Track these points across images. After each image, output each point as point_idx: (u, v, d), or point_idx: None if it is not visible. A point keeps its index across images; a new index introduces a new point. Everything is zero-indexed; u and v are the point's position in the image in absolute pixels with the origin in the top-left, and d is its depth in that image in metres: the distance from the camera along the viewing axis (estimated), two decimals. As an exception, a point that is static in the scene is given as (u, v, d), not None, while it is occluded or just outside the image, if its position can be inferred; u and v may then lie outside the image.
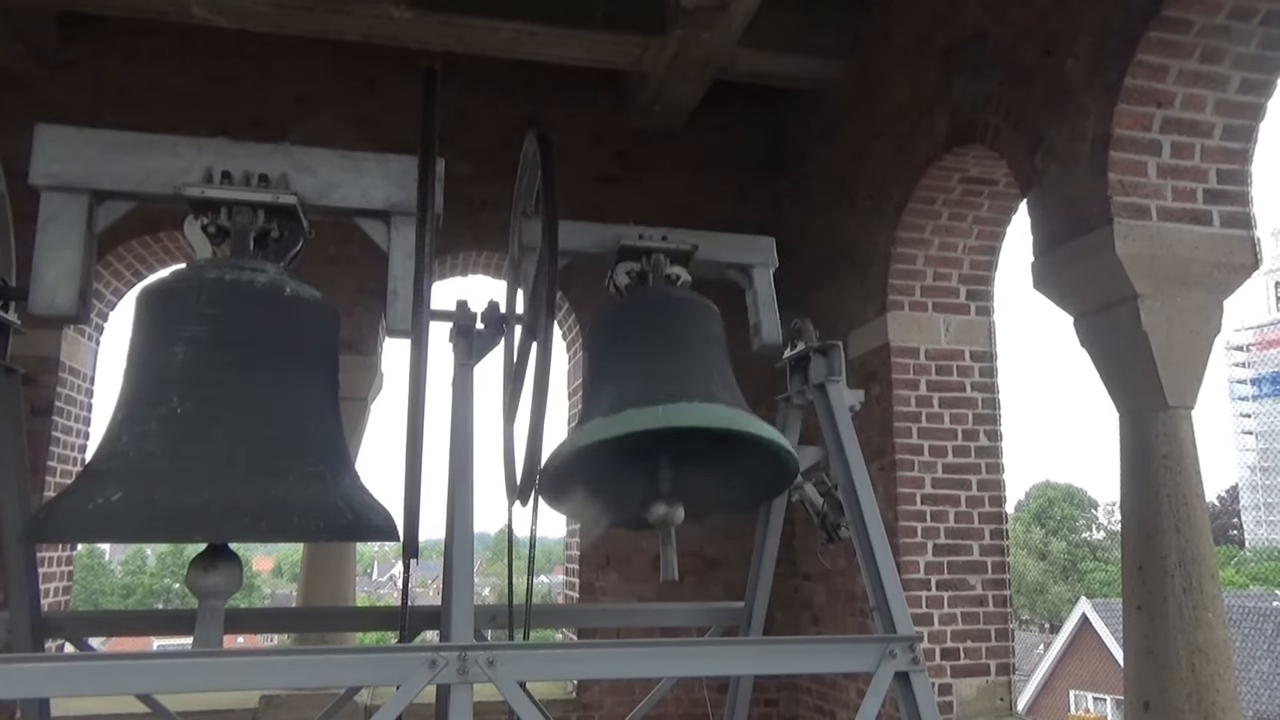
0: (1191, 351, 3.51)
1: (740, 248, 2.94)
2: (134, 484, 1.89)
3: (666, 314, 2.66)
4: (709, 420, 2.34)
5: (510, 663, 2.00)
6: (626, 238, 2.76)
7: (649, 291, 2.74)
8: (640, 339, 2.59)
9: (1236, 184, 3.66)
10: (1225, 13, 3.44)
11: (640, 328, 2.63)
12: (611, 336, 2.71)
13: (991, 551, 5.12)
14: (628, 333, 2.65)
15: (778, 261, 2.94)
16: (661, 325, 2.62)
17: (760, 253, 2.93)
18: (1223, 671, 3.30)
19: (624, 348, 2.62)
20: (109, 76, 5.87)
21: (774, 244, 2.96)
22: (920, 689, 2.23)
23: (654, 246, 2.76)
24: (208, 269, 2.14)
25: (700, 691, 5.70)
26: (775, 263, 2.94)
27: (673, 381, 2.46)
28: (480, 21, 5.24)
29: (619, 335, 2.68)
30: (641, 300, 2.74)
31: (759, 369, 2.97)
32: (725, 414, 2.37)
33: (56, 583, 5.69)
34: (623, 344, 2.64)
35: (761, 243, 2.96)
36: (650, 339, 2.58)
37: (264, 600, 46.61)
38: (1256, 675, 21.91)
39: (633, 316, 2.71)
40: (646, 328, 2.62)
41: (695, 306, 2.70)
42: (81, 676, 1.84)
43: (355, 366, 5.74)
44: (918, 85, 5.08)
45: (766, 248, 2.95)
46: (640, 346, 2.57)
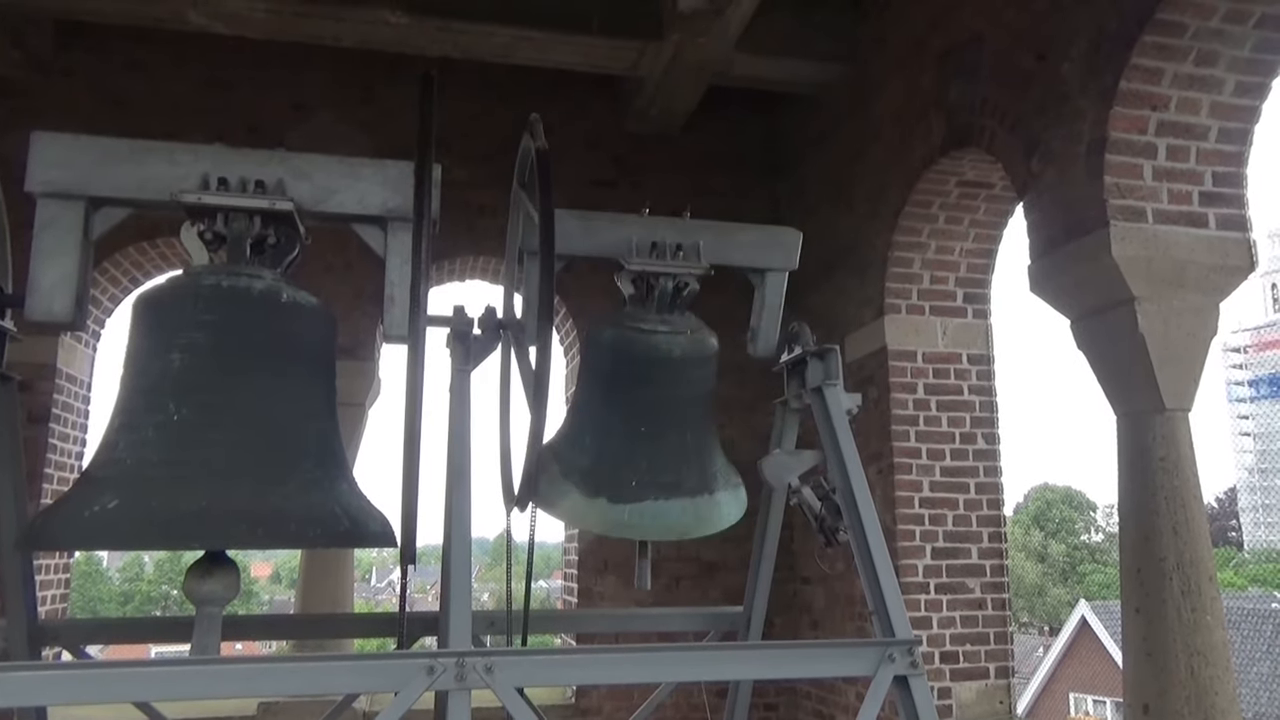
0: (1188, 354, 3.51)
1: (759, 245, 2.81)
2: (131, 491, 1.89)
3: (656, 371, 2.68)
4: (666, 533, 2.67)
5: (508, 669, 2.00)
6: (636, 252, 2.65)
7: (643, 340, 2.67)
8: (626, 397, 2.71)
9: (1232, 186, 3.67)
10: (1220, 16, 3.44)
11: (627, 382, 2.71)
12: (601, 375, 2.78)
13: (990, 554, 5.12)
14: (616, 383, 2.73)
15: (797, 263, 2.83)
16: (649, 385, 2.69)
17: (781, 254, 2.81)
18: (1222, 674, 3.30)
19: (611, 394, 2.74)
20: (106, 83, 5.88)
21: (799, 239, 2.84)
22: (919, 693, 2.22)
23: (661, 270, 2.67)
24: (204, 275, 2.13)
25: (699, 696, 5.69)
26: (795, 264, 2.83)
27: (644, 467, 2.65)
28: (476, 27, 5.25)
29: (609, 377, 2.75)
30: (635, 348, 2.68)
31: (757, 372, 2.97)
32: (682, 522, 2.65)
33: (54, 590, 5.68)
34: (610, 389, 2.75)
35: (785, 238, 2.83)
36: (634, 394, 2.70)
37: (262, 606, 46.51)
38: (1256, 677, 21.91)
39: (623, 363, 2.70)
40: (633, 383, 2.70)
41: (686, 363, 2.69)
42: (79, 684, 1.83)
43: (352, 372, 5.74)
44: (914, 89, 5.09)
45: (789, 245, 2.82)
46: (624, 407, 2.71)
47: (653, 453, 2.66)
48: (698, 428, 2.76)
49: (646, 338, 2.67)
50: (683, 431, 2.72)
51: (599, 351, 2.77)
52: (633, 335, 2.68)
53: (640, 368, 2.68)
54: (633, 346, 2.68)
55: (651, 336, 2.67)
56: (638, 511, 2.60)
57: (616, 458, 2.66)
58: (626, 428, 2.69)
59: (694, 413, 2.75)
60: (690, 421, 2.74)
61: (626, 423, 2.69)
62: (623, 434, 2.68)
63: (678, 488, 2.65)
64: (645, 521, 2.60)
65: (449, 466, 2.33)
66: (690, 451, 2.72)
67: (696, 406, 2.75)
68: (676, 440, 2.71)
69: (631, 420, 2.68)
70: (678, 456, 2.70)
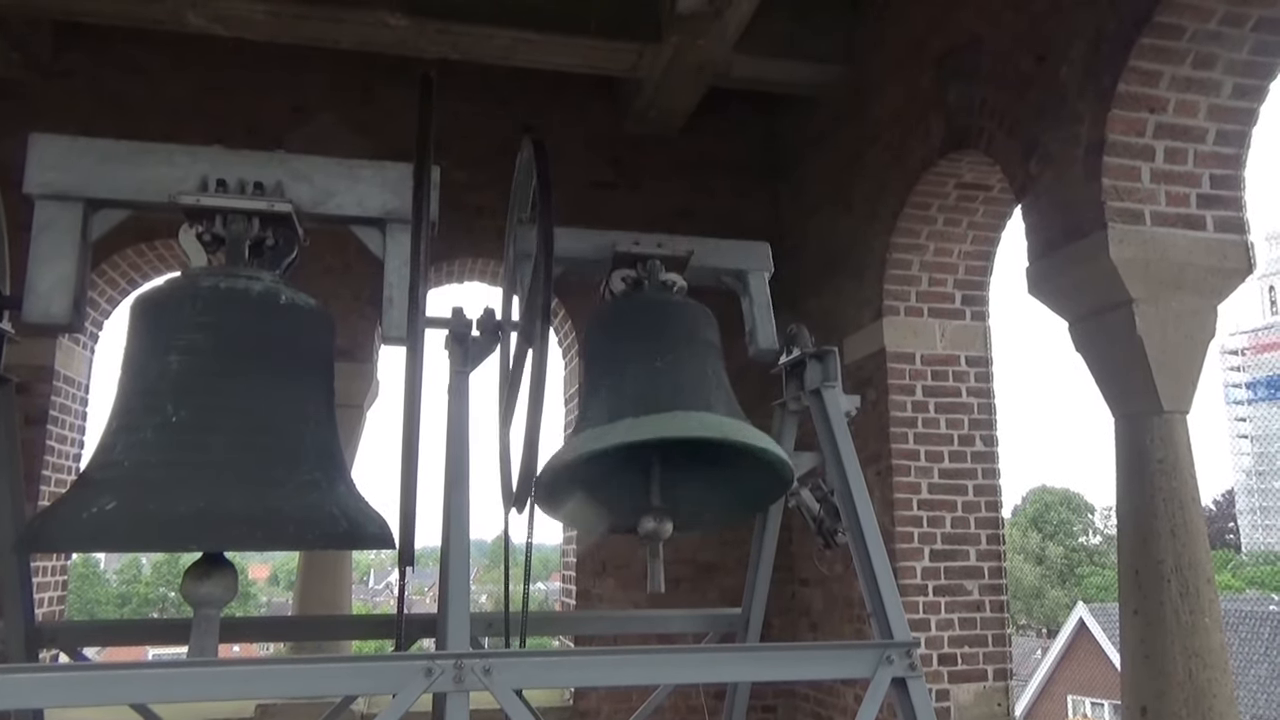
0: (1186, 356, 3.51)
1: (736, 253, 2.92)
2: (129, 493, 1.89)
3: (662, 318, 2.66)
4: (705, 430, 2.36)
5: (507, 671, 2.00)
6: (621, 244, 2.75)
7: (644, 295, 2.74)
8: (635, 344, 2.59)
9: (1230, 189, 3.67)
10: (1217, 19, 3.45)
11: (635, 332, 2.64)
12: (607, 340, 2.71)
13: (988, 556, 5.12)
14: (623, 337, 2.65)
15: (773, 267, 2.93)
16: (657, 329, 2.62)
17: (756, 258, 2.92)
18: (1219, 676, 3.30)
19: (619, 352, 2.62)
20: (104, 85, 5.87)
21: (770, 249, 2.96)
22: (917, 695, 2.22)
23: (649, 253, 2.76)
24: (203, 277, 2.13)
25: (698, 698, 5.69)
26: (771, 268, 2.92)
27: (669, 389, 2.46)
28: (475, 29, 5.25)
29: (614, 339, 2.68)
30: (637, 304, 2.73)
31: (755, 374, 2.97)
32: (721, 424, 2.39)
33: (51, 592, 5.67)
34: (618, 348, 2.64)
35: (758, 248, 2.95)
36: (645, 344, 2.58)
37: (260, 608, 46.48)
38: (1253, 679, 21.93)
39: (628, 320, 2.71)
40: (642, 332, 2.62)
41: (691, 311, 2.70)
42: (75, 687, 1.83)
43: (351, 374, 5.74)
44: (913, 91, 5.09)
45: (763, 253, 2.94)
46: (636, 351, 2.57)
47: (676, 379, 2.51)
48: (718, 370, 2.66)
49: (642, 297, 2.72)
50: (704, 365, 2.60)
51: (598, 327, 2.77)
52: (629, 300, 2.74)
53: (644, 316, 2.67)
54: (632, 306, 2.72)
55: (648, 294, 2.72)
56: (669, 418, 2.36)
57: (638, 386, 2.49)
58: (644, 367, 2.53)
59: (711, 356, 2.66)
60: (710, 361, 2.64)
61: (643, 363, 2.54)
62: (640, 373, 2.52)
63: (709, 406, 2.47)
64: (678, 425, 2.35)
65: (447, 468, 2.32)
66: (713, 383, 2.58)
67: (711, 350, 2.67)
68: (699, 369, 2.57)
69: (648, 359, 2.54)
70: (701, 382, 2.54)
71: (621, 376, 2.55)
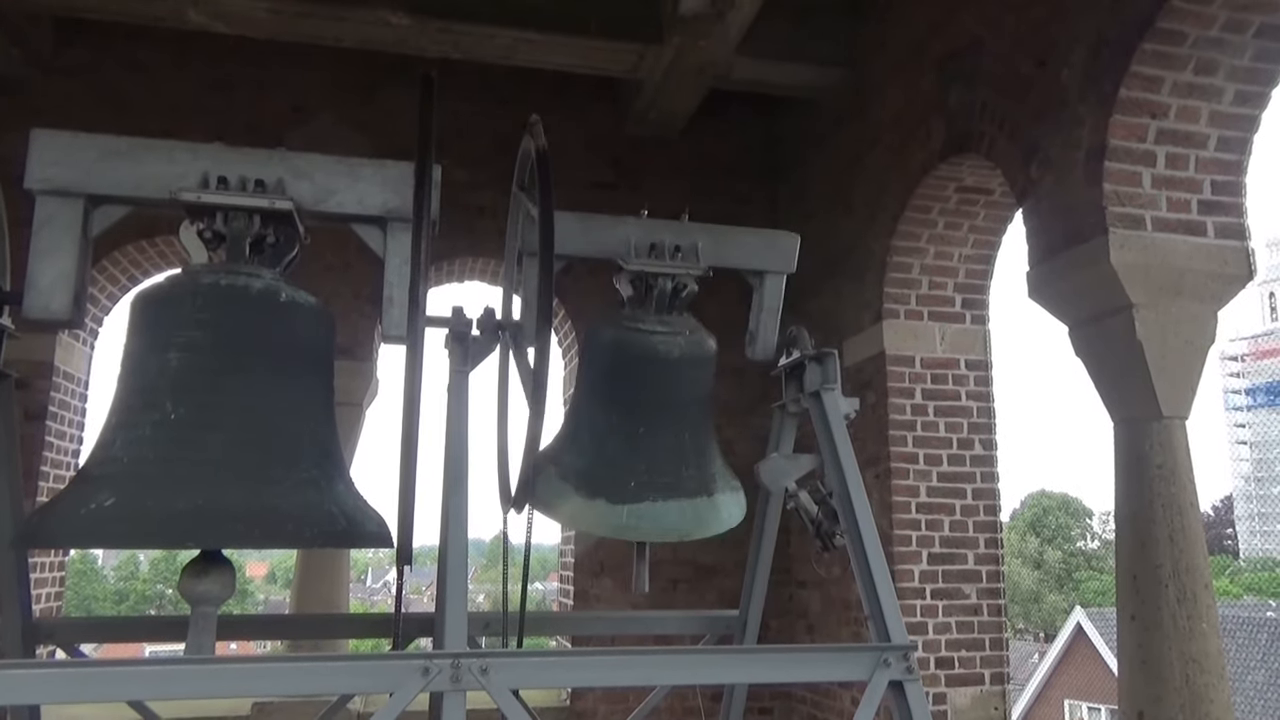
0: (1186, 361, 3.51)
1: (757, 248, 2.83)
2: (127, 489, 1.89)
3: (654, 372, 2.68)
4: (665, 534, 2.65)
5: (504, 671, 2.00)
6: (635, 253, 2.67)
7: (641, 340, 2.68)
8: (623, 399, 2.70)
9: (1231, 195, 3.67)
10: (1219, 25, 3.45)
11: (626, 384, 2.71)
12: (599, 378, 2.77)
13: (986, 560, 5.12)
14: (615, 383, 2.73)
15: (795, 265, 2.85)
16: (647, 388, 2.69)
17: (779, 255, 2.83)
18: (1216, 682, 3.30)
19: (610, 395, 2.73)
20: (106, 81, 5.87)
21: (797, 243, 2.86)
22: (914, 698, 2.22)
23: (663, 271, 2.69)
24: (203, 274, 2.13)
25: (695, 699, 5.69)
26: (793, 267, 2.85)
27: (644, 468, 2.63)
28: (477, 28, 5.25)
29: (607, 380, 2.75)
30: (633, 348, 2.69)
31: (754, 375, 2.98)
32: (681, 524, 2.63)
33: (48, 588, 5.67)
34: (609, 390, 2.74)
35: (782, 241, 2.85)
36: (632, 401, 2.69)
37: (257, 606, 46.43)
38: (1250, 685, 21.94)
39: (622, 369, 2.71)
40: (632, 388, 2.70)
41: (684, 364, 2.70)
42: (72, 683, 1.83)
43: (350, 372, 5.73)
44: (913, 94, 5.09)
45: (788, 248, 2.84)
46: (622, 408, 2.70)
47: (651, 453, 2.66)
48: (696, 429, 2.75)
49: (644, 338, 2.68)
50: (681, 433, 2.71)
51: (597, 352, 2.77)
52: (631, 336, 2.69)
53: (638, 368, 2.68)
54: (631, 347, 2.68)
55: (650, 337, 2.68)
56: (636, 513, 2.58)
57: (615, 458, 2.65)
58: (625, 428, 2.67)
59: (693, 414, 2.75)
60: (689, 423, 2.73)
61: (625, 423, 2.68)
62: (621, 435, 2.67)
63: (677, 489, 2.64)
64: (644, 523, 2.59)
65: (446, 468, 2.32)
66: (689, 452, 2.72)
67: (695, 408, 2.75)
68: (675, 441, 2.70)
69: (630, 421, 2.68)
70: (676, 457, 2.69)
71: (605, 434, 2.69)
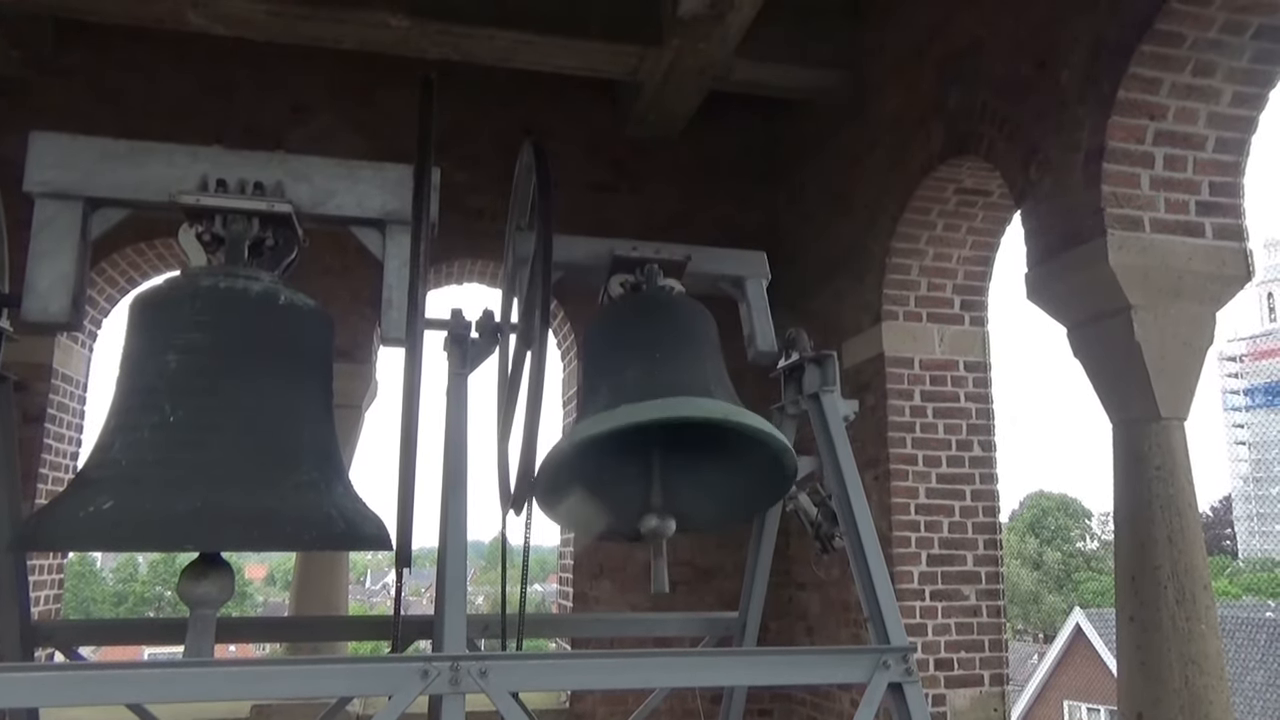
0: (1184, 362, 3.52)
1: (733, 261, 2.95)
2: (126, 492, 1.88)
3: (662, 313, 2.68)
4: (707, 412, 2.33)
5: (503, 673, 2.00)
6: (620, 249, 2.78)
7: (644, 292, 2.76)
8: (636, 337, 2.60)
9: (1229, 196, 3.68)
10: (1218, 27, 3.46)
11: (636, 326, 2.65)
12: (607, 336, 2.73)
13: (985, 561, 5.12)
14: (623, 331, 2.67)
15: (770, 275, 2.95)
16: (657, 324, 2.64)
17: (753, 266, 2.94)
18: (1216, 683, 3.30)
19: (620, 346, 2.63)
20: (105, 83, 5.87)
21: (765, 258, 2.98)
22: (914, 700, 2.22)
23: (648, 257, 2.78)
24: (202, 277, 2.13)
25: (694, 702, 5.68)
26: (768, 275, 2.94)
27: (667, 378, 2.46)
28: (477, 30, 5.25)
29: (615, 334, 2.70)
30: (637, 300, 2.76)
31: (753, 378, 2.97)
32: (723, 407, 2.37)
33: (47, 590, 5.66)
34: (618, 343, 2.65)
35: (753, 257, 2.96)
36: (646, 336, 2.59)
37: (256, 608, 46.43)
38: (1250, 686, 21.94)
39: (628, 316, 2.73)
40: (642, 326, 2.65)
41: (690, 308, 2.73)
42: (71, 686, 1.82)
43: (349, 374, 5.73)
44: (913, 96, 5.10)
45: (759, 261, 2.96)
46: (636, 344, 2.57)
47: (675, 369, 2.51)
48: (718, 365, 2.65)
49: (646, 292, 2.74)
50: (702, 358, 2.59)
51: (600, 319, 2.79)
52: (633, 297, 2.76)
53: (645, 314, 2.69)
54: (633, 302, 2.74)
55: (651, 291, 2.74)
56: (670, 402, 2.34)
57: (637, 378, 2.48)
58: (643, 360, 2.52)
59: (710, 352, 2.65)
60: (709, 355, 2.63)
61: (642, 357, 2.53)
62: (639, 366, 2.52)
63: (707, 391, 2.46)
64: (673, 406, 2.33)
65: (445, 470, 2.33)
66: (713, 375, 2.57)
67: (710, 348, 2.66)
68: (696, 361, 2.57)
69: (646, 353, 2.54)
70: (702, 373, 2.54)
71: (620, 370, 2.54)
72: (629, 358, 2.55)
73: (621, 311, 2.76)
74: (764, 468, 2.54)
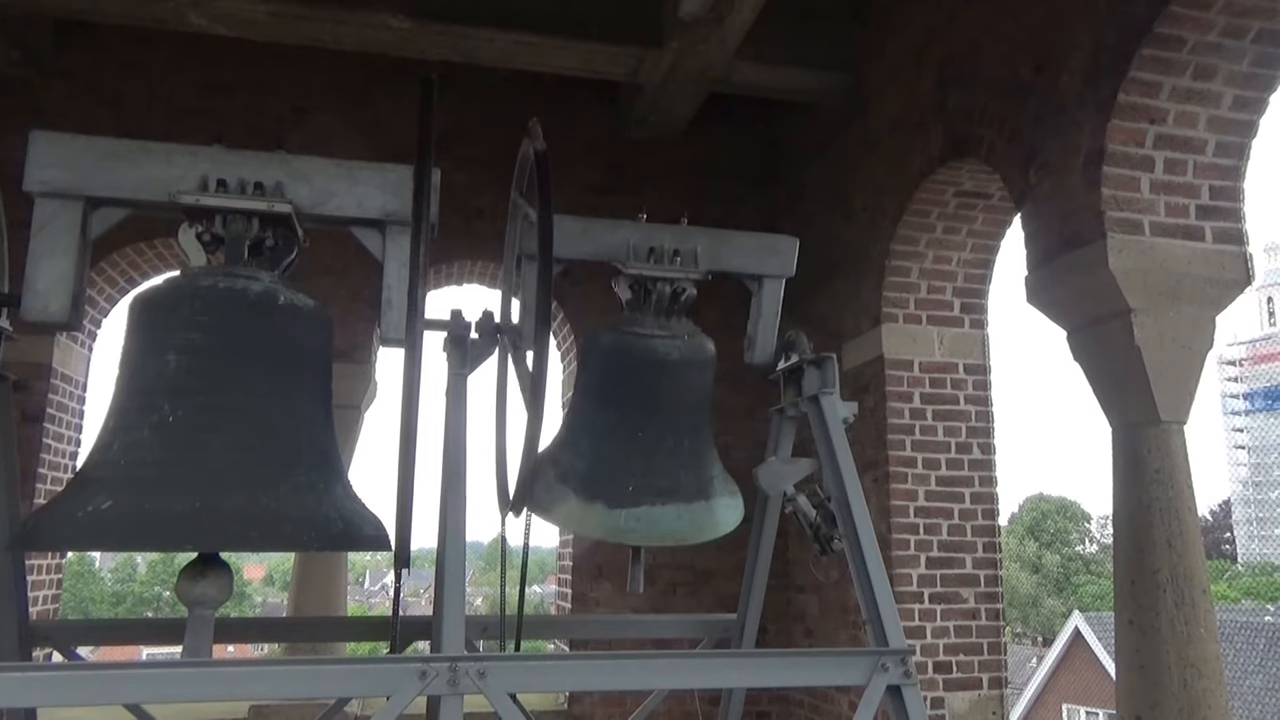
0: (1184, 366, 3.52)
1: (756, 251, 2.84)
2: (125, 492, 1.88)
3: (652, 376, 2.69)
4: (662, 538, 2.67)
5: (501, 674, 2.00)
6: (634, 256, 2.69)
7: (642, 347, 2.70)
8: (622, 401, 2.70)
9: (1229, 200, 3.68)
10: (1218, 30, 3.46)
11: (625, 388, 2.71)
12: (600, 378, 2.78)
13: (984, 564, 5.12)
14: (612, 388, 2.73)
15: (794, 269, 2.86)
16: (646, 390, 2.69)
17: (778, 258, 2.85)
18: (1214, 687, 3.30)
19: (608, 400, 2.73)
20: (105, 84, 5.87)
21: (796, 246, 2.87)
22: (912, 702, 2.23)
23: (662, 275, 2.71)
24: (202, 277, 2.13)
25: (692, 703, 5.68)
26: (792, 271, 2.86)
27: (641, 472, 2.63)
28: (477, 32, 5.26)
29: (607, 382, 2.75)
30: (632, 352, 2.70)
31: (753, 379, 2.98)
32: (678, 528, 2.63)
33: (45, 590, 5.65)
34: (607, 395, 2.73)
35: (782, 244, 2.86)
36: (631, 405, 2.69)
37: (255, 609, 46.40)
38: (1249, 690, 21.91)
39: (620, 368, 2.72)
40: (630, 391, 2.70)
41: (688, 367, 2.71)
42: (69, 686, 1.82)
43: (349, 375, 5.72)
44: (913, 99, 5.10)
45: (787, 251, 2.86)
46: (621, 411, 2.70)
47: (649, 458, 2.66)
48: (695, 433, 2.75)
49: (644, 342, 2.69)
50: (680, 437, 2.72)
51: (596, 356, 2.78)
52: (630, 340, 2.70)
53: (637, 372, 2.69)
54: (630, 351, 2.69)
55: (649, 341, 2.69)
56: (634, 516, 2.58)
57: (613, 462, 2.65)
58: (623, 432, 2.68)
59: (691, 418, 2.75)
60: (687, 427, 2.74)
61: (623, 427, 2.68)
62: (620, 439, 2.67)
63: (674, 493, 2.64)
64: (642, 527, 2.59)
65: (444, 470, 2.33)
66: (687, 457, 2.72)
67: (694, 412, 2.75)
68: (673, 445, 2.70)
69: (628, 425, 2.68)
70: (674, 462, 2.69)
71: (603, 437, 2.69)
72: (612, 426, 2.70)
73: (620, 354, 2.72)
74: None
